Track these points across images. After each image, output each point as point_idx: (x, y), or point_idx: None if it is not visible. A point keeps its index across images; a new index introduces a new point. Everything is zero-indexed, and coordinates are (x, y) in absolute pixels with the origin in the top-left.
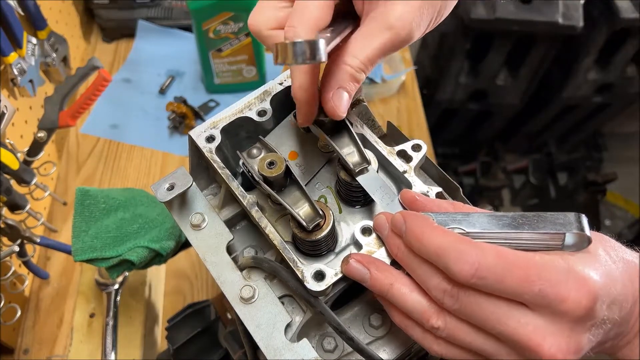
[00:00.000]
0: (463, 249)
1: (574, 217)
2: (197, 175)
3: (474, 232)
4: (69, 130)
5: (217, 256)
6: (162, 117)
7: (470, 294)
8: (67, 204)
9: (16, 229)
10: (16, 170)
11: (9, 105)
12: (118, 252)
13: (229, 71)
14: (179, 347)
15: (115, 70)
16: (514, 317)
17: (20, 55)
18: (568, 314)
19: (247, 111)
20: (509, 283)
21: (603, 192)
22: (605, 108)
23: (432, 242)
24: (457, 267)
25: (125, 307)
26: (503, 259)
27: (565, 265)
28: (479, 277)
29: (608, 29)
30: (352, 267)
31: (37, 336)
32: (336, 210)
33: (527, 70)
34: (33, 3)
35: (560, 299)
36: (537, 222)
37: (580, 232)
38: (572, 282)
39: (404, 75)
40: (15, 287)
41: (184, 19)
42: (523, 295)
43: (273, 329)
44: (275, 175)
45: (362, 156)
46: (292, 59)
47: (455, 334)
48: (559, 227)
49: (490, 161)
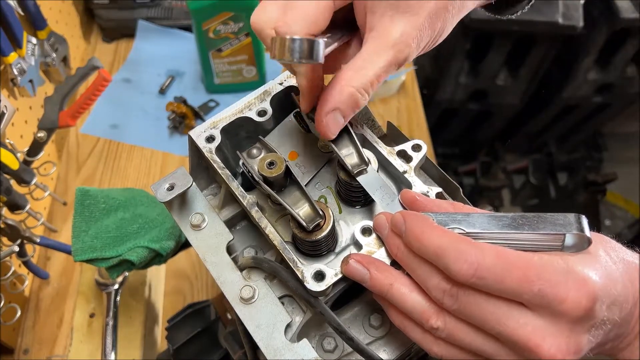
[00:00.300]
0: (463, 248)
1: (574, 218)
2: (197, 176)
3: (474, 232)
4: (69, 130)
5: (217, 256)
6: (162, 117)
7: (469, 294)
8: (67, 204)
9: (16, 229)
10: (16, 170)
11: (9, 105)
12: (118, 252)
13: (229, 71)
14: (179, 347)
15: (115, 70)
16: (514, 317)
17: (20, 55)
18: (567, 315)
19: (247, 111)
20: (508, 283)
21: (603, 192)
22: (605, 108)
23: (432, 242)
24: (457, 266)
25: (125, 307)
26: (503, 259)
27: (565, 266)
28: (479, 277)
29: (608, 29)
30: (351, 267)
31: (37, 336)
32: (336, 210)
33: (527, 70)
34: (33, 3)
35: (560, 299)
36: (537, 223)
37: (580, 233)
38: (571, 282)
39: (404, 75)
40: (15, 287)
41: (184, 19)
42: (522, 295)
43: (273, 329)
44: (275, 176)
45: (360, 157)
46: (289, 55)
47: (454, 334)
48: (559, 227)
49: (490, 161)
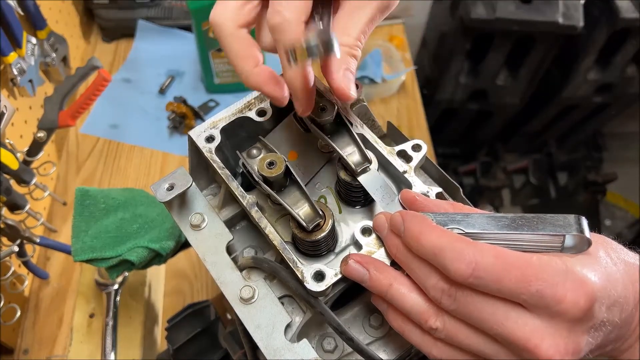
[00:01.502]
0: (461, 248)
1: (574, 219)
2: (196, 176)
3: (473, 232)
4: (68, 130)
5: (217, 256)
6: (162, 117)
7: (468, 294)
8: (66, 204)
9: (16, 229)
10: (16, 170)
11: (9, 105)
12: (118, 252)
13: (229, 71)
14: (178, 347)
15: (115, 70)
16: (512, 317)
17: (20, 55)
18: (566, 315)
19: (247, 111)
20: (506, 283)
21: (603, 192)
22: (605, 108)
23: (430, 242)
24: (455, 266)
25: (125, 307)
26: (501, 259)
27: (563, 267)
28: (476, 276)
29: (608, 29)
30: (351, 267)
31: (37, 336)
32: (336, 210)
33: (527, 70)
34: (33, 3)
35: (558, 299)
36: (537, 224)
37: (580, 234)
38: (569, 283)
39: (404, 75)
40: (15, 287)
41: (184, 19)
42: (520, 295)
43: (273, 329)
44: (275, 176)
45: (363, 156)
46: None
47: (453, 334)
48: (559, 228)
49: (490, 161)
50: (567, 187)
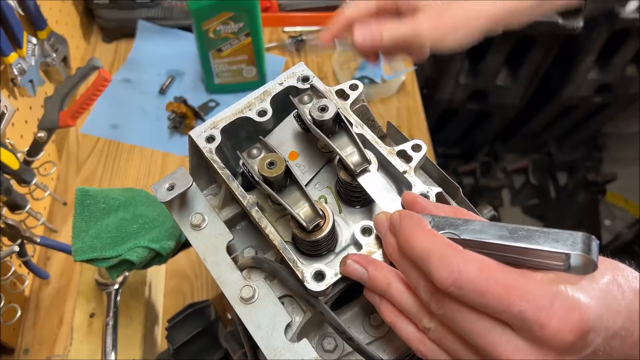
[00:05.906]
0: (447, 255)
1: (582, 237)
2: (197, 176)
3: (468, 239)
4: (69, 130)
5: (217, 256)
6: (162, 117)
7: (453, 301)
8: (67, 204)
9: (16, 229)
10: (16, 170)
11: (9, 105)
12: (118, 252)
13: (229, 71)
14: (179, 347)
15: (115, 70)
16: (496, 333)
17: (20, 55)
18: (551, 342)
19: (247, 111)
20: (488, 298)
21: (603, 192)
22: (605, 108)
23: (419, 245)
24: (437, 273)
25: (125, 307)
26: (486, 272)
27: (555, 289)
28: (457, 286)
29: (608, 29)
30: (350, 267)
31: (37, 336)
32: (336, 210)
33: (527, 70)
34: (33, 3)
35: (541, 324)
36: (538, 237)
37: (585, 255)
38: (557, 308)
39: (404, 75)
40: (15, 287)
41: (184, 19)
42: (502, 314)
43: (273, 329)
44: (275, 176)
45: (362, 156)
46: None
47: (442, 337)
48: (561, 246)
49: (490, 161)
50: (567, 187)
